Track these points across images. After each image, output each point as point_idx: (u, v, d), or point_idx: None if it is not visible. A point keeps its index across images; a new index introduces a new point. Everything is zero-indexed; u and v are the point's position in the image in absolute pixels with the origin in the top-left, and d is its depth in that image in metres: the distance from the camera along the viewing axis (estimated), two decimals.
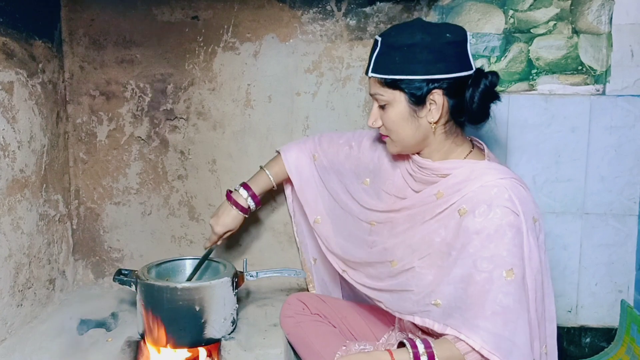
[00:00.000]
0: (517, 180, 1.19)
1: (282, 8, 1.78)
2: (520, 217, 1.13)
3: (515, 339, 1.11)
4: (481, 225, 1.14)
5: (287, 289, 1.90)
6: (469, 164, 1.24)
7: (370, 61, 1.25)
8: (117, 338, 1.54)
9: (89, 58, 1.81)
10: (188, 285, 1.47)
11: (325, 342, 1.41)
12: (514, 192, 1.15)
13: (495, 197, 1.14)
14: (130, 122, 1.85)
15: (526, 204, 1.16)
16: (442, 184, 1.24)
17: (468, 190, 1.18)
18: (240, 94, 1.83)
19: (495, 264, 1.12)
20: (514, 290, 1.12)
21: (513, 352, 1.10)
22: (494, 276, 1.12)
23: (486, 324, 1.10)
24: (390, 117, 1.25)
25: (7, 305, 1.49)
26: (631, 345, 1.72)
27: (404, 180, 1.37)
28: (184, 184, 1.88)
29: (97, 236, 1.91)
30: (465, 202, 1.17)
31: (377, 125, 1.29)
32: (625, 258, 1.81)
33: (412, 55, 1.19)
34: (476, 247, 1.14)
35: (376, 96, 1.26)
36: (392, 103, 1.24)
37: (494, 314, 1.11)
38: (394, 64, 1.21)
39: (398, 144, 1.29)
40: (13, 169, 1.51)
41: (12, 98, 1.50)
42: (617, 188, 1.78)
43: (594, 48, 1.74)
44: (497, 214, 1.13)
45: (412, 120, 1.24)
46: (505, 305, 1.11)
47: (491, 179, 1.17)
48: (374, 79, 1.25)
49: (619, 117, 1.75)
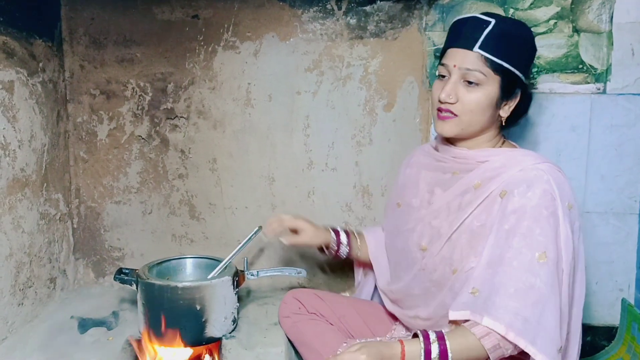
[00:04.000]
0: (555, 166, 1.21)
1: (283, 7, 1.78)
2: (557, 200, 1.14)
3: (544, 321, 1.09)
4: (519, 203, 1.15)
5: (288, 287, 1.90)
6: (505, 152, 1.27)
7: (476, 37, 1.22)
8: (118, 337, 1.54)
9: (89, 57, 1.82)
10: (189, 284, 1.47)
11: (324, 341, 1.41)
12: (552, 175, 1.17)
13: (535, 178, 1.16)
14: (131, 121, 1.85)
15: (563, 189, 1.17)
16: (479, 171, 1.25)
17: (507, 175, 1.19)
18: (240, 93, 1.83)
19: (528, 243, 1.12)
20: (545, 273, 1.11)
21: (540, 334, 1.08)
22: (525, 256, 1.11)
23: (510, 303, 1.09)
24: (476, 97, 1.23)
25: (8, 304, 1.49)
26: (632, 344, 1.72)
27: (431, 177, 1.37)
28: (185, 183, 1.88)
29: (98, 235, 1.91)
30: (506, 185, 1.18)
31: (453, 100, 1.23)
32: (626, 257, 1.81)
33: (521, 49, 1.26)
34: (512, 224, 1.14)
35: (472, 73, 1.22)
36: (485, 85, 1.23)
37: (518, 293, 1.09)
38: (505, 50, 1.22)
39: (463, 125, 1.26)
40: (14, 168, 1.51)
41: (12, 97, 1.50)
42: (617, 187, 1.78)
43: (594, 47, 1.74)
44: (535, 193, 1.14)
45: (492, 108, 1.25)
46: (534, 286, 1.10)
47: (530, 163, 1.20)
48: (476, 55, 1.22)
49: (619, 115, 1.75)
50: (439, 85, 1.28)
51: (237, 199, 1.88)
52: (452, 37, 1.29)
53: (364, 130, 1.83)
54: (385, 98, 1.81)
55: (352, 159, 1.84)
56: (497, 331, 1.08)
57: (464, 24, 1.27)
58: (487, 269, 1.15)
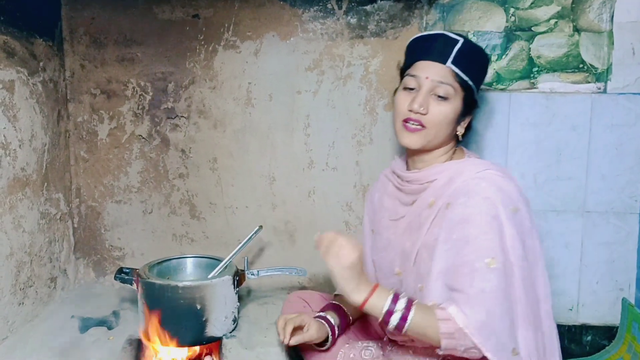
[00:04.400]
0: (497, 172, 1.22)
1: (283, 6, 1.77)
2: (498, 206, 1.16)
3: (495, 326, 1.11)
4: (462, 212, 1.17)
5: (289, 287, 1.91)
6: (451, 165, 1.29)
7: (448, 52, 1.26)
8: (119, 336, 1.54)
9: (90, 56, 1.82)
10: (189, 283, 1.47)
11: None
12: (490, 182, 1.19)
13: (473, 187, 1.19)
14: (131, 121, 1.85)
15: (504, 194, 1.18)
16: (431, 190, 1.28)
17: (452, 188, 1.22)
18: (241, 92, 1.83)
19: (477, 249, 1.14)
20: (496, 278, 1.12)
21: (491, 338, 1.10)
22: (477, 264, 1.13)
23: (470, 310, 1.11)
24: (445, 110, 1.26)
25: (8, 304, 1.49)
26: (632, 344, 1.72)
27: (392, 201, 1.40)
28: (185, 182, 1.88)
29: (98, 234, 1.91)
30: (451, 198, 1.21)
31: (425, 111, 1.25)
32: (627, 256, 1.81)
33: (481, 71, 1.33)
34: (459, 233, 1.17)
35: (444, 86, 1.25)
36: (453, 99, 1.26)
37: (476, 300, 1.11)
38: (470, 68, 1.27)
39: (430, 137, 1.28)
40: (14, 168, 1.51)
41: (13, 97, 1.50)
42: (618, 186, 1.78)
43: (595, 46, 1.74)
44: (476, 201, 1.17)
45: (454, 123, 1.29)
46: (487, 292, 1.12)
47: (471, 173, 1.23)
48: (448, 69, 1.25)
49: (620, 115, 1.75)
50: (407, 96, 1.29)
51: (238, 199, 1.88)
52: (421, 51, 1.31)
53: (364, 130, 1.83)
54: (385, 97, 1.81)
55: (352, 159, 1.84)
56: (458, 322, 1.11)
57: (434, 39, 1.30)
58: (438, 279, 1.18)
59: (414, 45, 1.35)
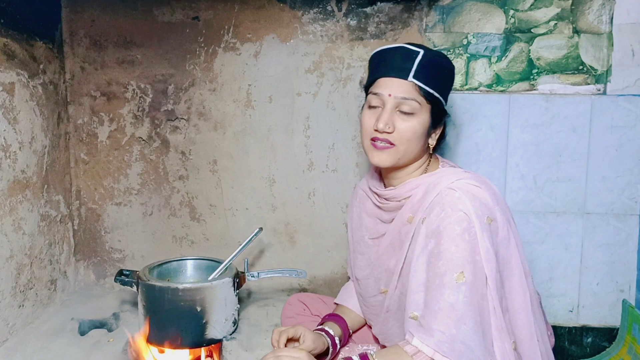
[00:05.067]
0: (470, 181, 1.20)
1: (283, 8, 1.78)
2: (472, 217, 1.13)
3: (467, 340, 1.09)
4: (435, 225, 1.15)
5: (289, 289, 1.90)
6: (425, 179, 1.26)
7: (408, 67, 1.22)
8: (119, 339, 1.54)
9: (90, 59, 1.82)
10: (189, 285, 1.47)
11: None
12: (463, 192, 1.16)
13: (447, 199, 1.16)
14: (131, 123, 1.85)
15: (478, 204, 1.16)
16: (407, 206, 1.26)
17: (428, 202, 1.20)
18: (241, 94, 1.83)
19: (446, 262, 1.12)
20: (465, 292, 1.10)
21: (465, 354, 1.08)
22: (446, 278, 1.11)
23: (439, 327, 1.09)
24: (412, 125, 1.22)
25: (8, 306, 1.49)
26: (633, 345, 1.71)
27: (372, 219, 1.38)
28: (185, 184, 1.88)
29: (99, 237, 1.91)
30: (426, 212, 1.19)
31: (391, 129, 1.22)
32: (627, 258, 1.81)
33: (446, 79, 1.29)
34: (432, 246, 1.15)
35: (408, 102, 1.21)
36: (419, 114, 1.23)
37: (446, 316, 1.10)
38: (434, 80, 1.23)
39: (400, 155, 1.25)
40: (14, 170, 1.52)
41: (13, 99, 1.50)
42: (618, 188, 1.78)
43: (594, 48, 1.74)
44: (448, 214, 1.14)
45: (424, 137, 1.25)
46: (454, 306, 1.10)
47: (444, 185, 1.20)
48: (411, 84, 1.22)
49: (619, 116, 1.75)
50: (372, 114, 1.26)
51: (238, 200, 1.88)
52: (382, 68, 1.27)
53: None
54: None
55: (352, 160, 1.84)
56: (425, 352, 1.09)
57: (393, 53, 1.26)
58: (417, 292, 1.16)
59: (375, 60, 1.31)
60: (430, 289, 1.13)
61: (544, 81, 1.76)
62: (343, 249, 1.89)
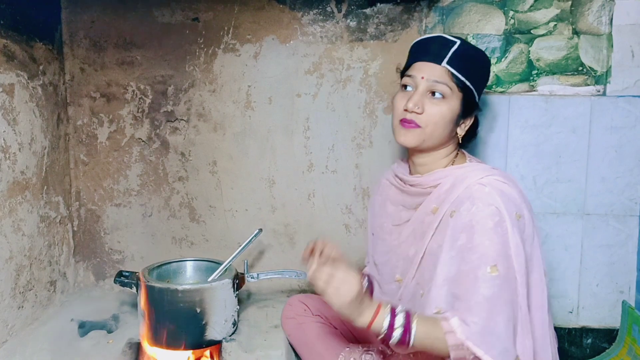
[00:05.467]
0: (500, 177, 1.22)
1: (282, 9, 1.78)
2: (503, 212, 1.15)
3: (498, 332, 1.12)
4: (466, 219, 1.17)
5: (288, 290, 1.90)
6: (453, 171, 1.29)
7: (444, 54, 1.26)
8: (118, 340, 1.54)
9: (90, 60, 1.82)
10: (189, 287, 1.47)
11: (326, 344, 1.41)
12: (493, 188, 1.18)
13: (477, 193, 1.18)
14: (131, 124, 1.85)
15: (508, 200, 1.18)
16: (434, 196, 1.27)
17: (455, 195, 1.22)
18: (240, 95, 1.83)
19: (480, 256, 1.14)
20: (498, 285, 1.12)
21: (496, 346, 1.11)
22: (480, 271, 1.13)
23: (473, 319, 1.11)
24: (441, 110, 1.25)
25: (8, 307, 1.49)
26: (632, 346, 1.71)
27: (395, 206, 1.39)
28: (185, 185, 1.88)
29: (98, 238, 1.91)
30: (454, 205, 1.21)
31: (420, 110, 1.25)
32: (626, 258, 1.81)
33: (481, 73, 1.32)
34: (463, 240, 1.17)
35: (439, 85, 1.25)
36: (449, 99, 1.26)
37: (480, 309, 1.11)
38: (467, 69, 1.26)
39: (425, 137, 1.27)
40: (14, 171, 1.51)
41: (12, 100, 1.50)
42: (617, 189, 1.78)
43: (594, 49, 1.74)
44: (478, 207, 1.16)
45: (452, 124, 1.28)
46: (488, 298, 1.12)
47: (474, 179, 1.22)
48: (444, 69, 1.25)
49: (619, 117, 1.75)
50: (404, 96, 1.29)
51: (237, 202, 1.88)
52: (419, 53, 1.32)
53: (364, 133, 1.83)
54: (385, 100, 1.81)
55: (352, 162, 1.84)
56: (459, 335, 1.10)
57: (431, 42, 1.31)
58: (442, 286, 1.17)
59: (413, 48, 1.36)
60: (462, 282, 1.15)
61: (543, 82, 1.76)
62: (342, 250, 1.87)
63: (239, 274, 1.58)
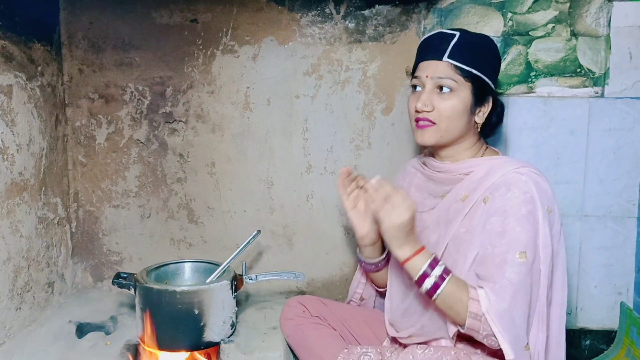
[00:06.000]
0: (535, 171, 1.25)
1: (281, 11, 1.78)
2: (537, 202, 1.18)
3: (516, 317, 1.15)
4: (500, 204, 1.20)
5: (287, 291, 1.90)
6: (486, 161, 1.31)
7: (444, 48, 1.28)
8: (116, 342, 1.53)
9: (88, 61, 1.82)
10: (187, 288, 1.46)
11: (325, 345, 1.41)
12: (530, 178, 1.21)
13: (513, 180, 1.21)
14: (129, 125, 1.84)
15: (542, 192, 1.21)
16: (464, 183, 1.29)
17: (489, 182, 1.24)
18: (239, 96, 1.83)
19: (511, 241, 1.17)
20: (523, 271, 1.15)
21: (511, 330, 1.14)
22: (509, 255, 1.16)
23: (497, 299, 1.15)
24: (451, 103, 1.27)
25: (5, 309, 1.49)
26: (631, 348, 1.71)
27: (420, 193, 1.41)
28: (183, 186, 1.87)
29: (96, 239, 1.91)
30: (489, 191, 1.23)
31: (429, 109, 1.28)
32: (625, 260, 1.81)
33: (487, 57, 1.33)
34: (493, 224, 1.20)
35: (443, 80, 1.27)
36: (458, 91, 1.28)
37: (503, 290, 1.15)
38: (471, 58, 1.28)
39: (442, 132, 1.29)
40: (12, 172, 1.51)
41: (11, 101, 1.50)
42: (615, 190, 1.78)
43: (592, 50, 1.75)
44: (514, 193, 1.19)
45: (467, 114, 1.30)
46: (512, 282, 1.15)
47: (510, 169, 1.24)
48: (446, 64, 1.27)
49: (617, 119, 1.75)
50: (414, 97, 1.33)
51: (236, 203, 1.88)
52: (422, 52, 1.35)
53: (362, 134, 1.83)
54: (383, 102, 1.81)
55: (350, 163, 1.84)
56: (482, 305, 1.15)
57: (432, 38, 1.34)
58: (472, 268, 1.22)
59: (419, 48, 1.38)
60: (490, 264, 1.18)
61: (542, 84, 1.77)
62: (341, 251, 1.89)
63: (237, 275, 1.58)
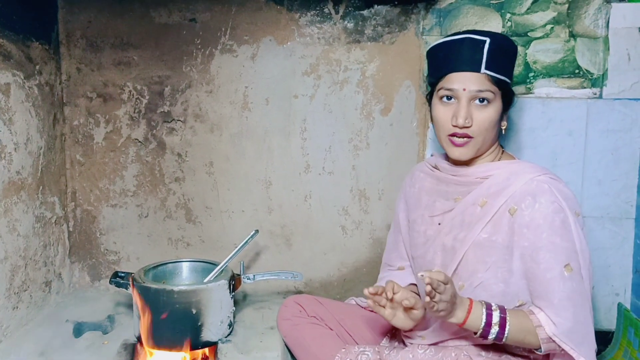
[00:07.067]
0: (554, 177, 1.23)
1: (280, 11, 1.78)
2: (565, 210, 1.17)
3: (583, 329, 1.16)
4: (529, 217, 1.18)
5: (284, 291, 1.90)
6: (505, 165, 1.28)
7: (479, 58, 1.22)
8: (114, 341, 1.53)
9: (86, 60, 1.81)
10: (185, 288, 1.46)
11: (322, 345, 1.41)
12: (553, 185, 1.19)
13: (537, 189, 1.19)
14: (128, 124, 1.84)
15: (567, 198, 1.19)
16: (483, 188, 1.26)
17: (511, 190, 1.22)
18: (237, 96, 1.83)
19: (553, 256, 1.16)
20: (576, 283, 1.16)
21: (581, 341, 1.15)
22: (556, 271, 1.16)
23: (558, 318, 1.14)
24: (489, 115, 1.24)
25: (2, 308, 1.49)
26: (628, 349, 1.72)
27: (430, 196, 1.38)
28: (181, 186, 1.87)
29: (94, 238, 1.91)
30: (514, 201, 1.21)
31: (469, 124, 1.23)
32: (622, 261, 1.81)
33: (512, 62, 1.30)
34: (529, 239, 1.18)
35: (483, 93, 1.23)
36: (494, 102, 1.25)
37: (563, 308, 1.15)
38: (503, 66, 1.25)
39: (478, 145, 1.26)
40: (9, 171, 1.51)
41: (8, 100, 1.50)
42: (613, 191, 1.79)
43: (590, 52, 1.75)
44: (542, 204, 1.17)
45: (498, 123, 1.28)
46: (570, 299, 1.15)
47: (530, 176, 1.22)
48: (483, 76, 1.23)
49: (615, 120, 1.76)
50: (447, 109, 1.26)
51: (234, 203, 1.88)
52: (451, 62, 1.26)
53: (361, 134, 1.83)
54: (382, 102, 1.81)
55: (349, 163, 1.84)
56: (547, 330, 1.15)
57: (460, 45, 1.26)
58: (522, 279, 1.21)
59: (440, 54, 1.30)
60: (539, 281, 1.17)
61: (540, 85, 1.77)
62: (339, 251, 1.88)
63: (235, 275, 1.58)
